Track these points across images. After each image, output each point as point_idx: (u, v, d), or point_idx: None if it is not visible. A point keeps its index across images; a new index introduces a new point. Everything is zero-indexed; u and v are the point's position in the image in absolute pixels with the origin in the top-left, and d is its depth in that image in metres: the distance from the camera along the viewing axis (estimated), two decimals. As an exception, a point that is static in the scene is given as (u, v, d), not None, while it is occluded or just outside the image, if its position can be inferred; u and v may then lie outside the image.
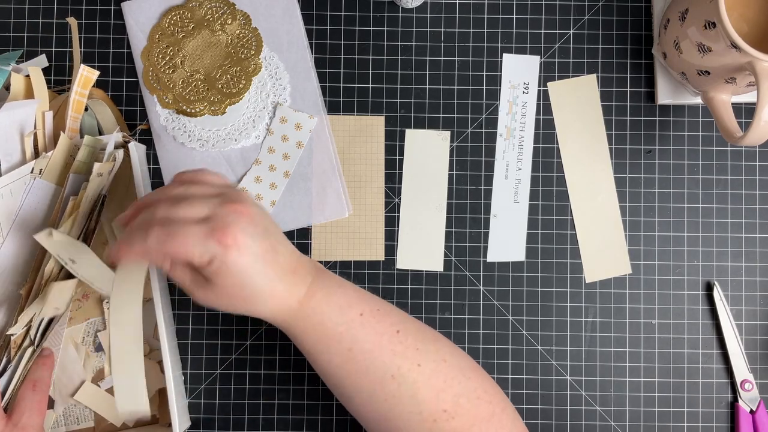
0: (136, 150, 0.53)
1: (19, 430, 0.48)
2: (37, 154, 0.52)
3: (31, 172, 0.50)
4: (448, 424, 0.44)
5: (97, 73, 0.54)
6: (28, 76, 0.53)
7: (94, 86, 0.55)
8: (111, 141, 0.52)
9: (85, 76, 0.53)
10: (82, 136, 0.53)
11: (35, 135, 0.52)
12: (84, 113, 0.55)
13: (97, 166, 0.49)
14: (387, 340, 0.44)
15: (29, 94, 0.53)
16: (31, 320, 0.49)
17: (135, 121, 0.58)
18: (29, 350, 0.50)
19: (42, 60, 0.57)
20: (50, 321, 0.51)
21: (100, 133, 0.56)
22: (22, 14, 0.58)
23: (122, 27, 0.58)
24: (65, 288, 0.50)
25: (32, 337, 0.50)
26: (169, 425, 0.52)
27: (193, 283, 0.42)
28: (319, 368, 0.46)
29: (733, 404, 0.57)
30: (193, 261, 0.40)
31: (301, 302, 0.44)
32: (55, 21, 0.58)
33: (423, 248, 0.58)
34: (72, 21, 0.56)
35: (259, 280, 0.42)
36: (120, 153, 0.52)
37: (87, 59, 0.58)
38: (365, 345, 0.44)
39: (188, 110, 0.57)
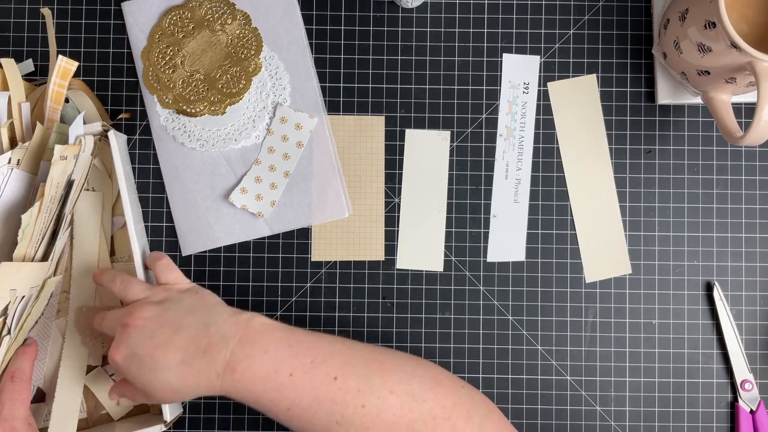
0: (116, 139, 0.53)
1: (1, 422, 0.48)
2: (14, 145, 0.52)
3: (9, 162, 0.50)
4: None
5: (76, 64, 0.54)
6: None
7: (74, 77, 0.55)
8: (78, 125, 0.51)
9: (64, 66, 0.53)
10: None
11: (11, 125, 0.52)
12: (66, 105, 0.55)
13: (58, 148, 0.48)
14: (324, 391, 0.44)
15: (6, 87, 0.53)
16: (6, 308, 0.48)
17: (136, 121, 0.58)
18: (6, 339, 0.49)
19: (27, 65, 0.57)
20: (24, 308, 0.51)
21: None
22: (22, 14, 0.58)
23: (122, 27, 0.58)
24: (28, 269, 0.49)
25: (9, 326, 0.49)
26: (160, 412, 0.52)
27: (132, 394, 0.49)
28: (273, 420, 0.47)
29: (733, 404, 0.57)
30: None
31: (221, 378, 0.45)
32: (55, 21, 0.58)
33: (423, 248, 0.58)
34: (46, 12, 0.56)
35: (158, 375, 0.45)
36: (90, 138, 0.51)
37: (87, 59, 0.58)
38: (302, 403, 0.44)
39: (188, 110, 0.57)
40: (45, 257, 0.50)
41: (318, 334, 0.48)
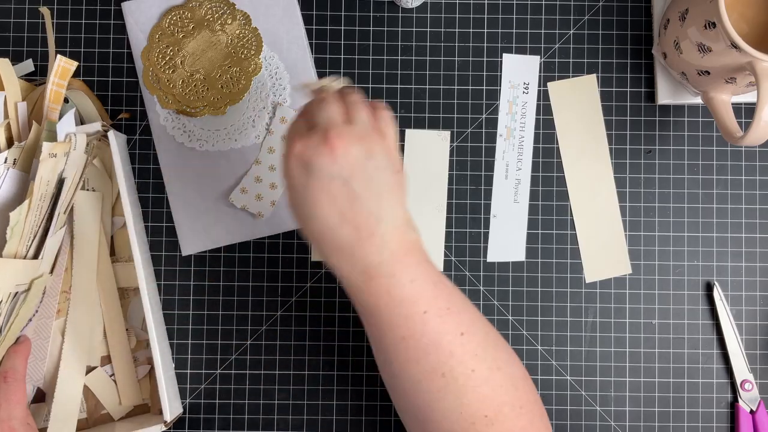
0: (116, 139, 0.53)
1: None
2: (11, 145, 0.52)
3: (5, 162, 0.50)
4: (486, 429, 0.43)
5: (75, 64, 0.54)
6: None
7: (74, 77, 0.55)
8: (67, 122, 0.51)
9: (63, 66, 0.53)
10: None
11: (8, 125, 0.52)
12: (66, 105, 0.55)
13: (47, 145, 0.48)
14: (447, 340, 0.43)
15: (1, 87, 0.53)
16: None
17: (136, 122, 0.58)
18: None
19: (27, 65, 0.57)
20: (12, 307, 0.50)
21: (81, 123, 0.56)
22: (22, 14, 0.58)
23: (122, 27, 0.58)
24: (13, 266, 0.48)
25: (1, 325, 0.49)
26: (161, 412, 0.52)
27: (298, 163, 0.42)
28: (370, 339, 0.45)
29: (733, 404, 0.57)
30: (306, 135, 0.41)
31: (354, 274, 0.42)
32: (55, 21, 0.58)
33: (423, 248, 0.57)
34: (45, 11, 0.56)
35: (306, 211, 0.41)
36: (81, 136, 0.51)
37: (87, 59, 0.58)
38: (422, 339, 0.43)
39: (188, 110, 0.57)
40: (36, 255, 0.50)
41: (454, 285, 0.46)
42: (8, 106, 0.53)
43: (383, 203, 0.42)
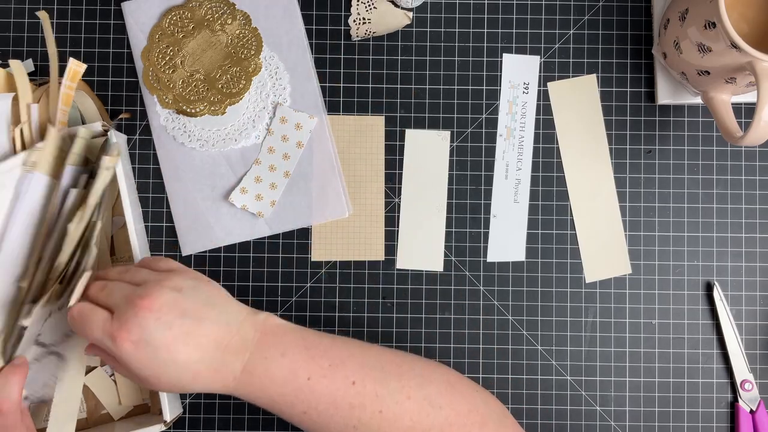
0: (117, 139, 0.53)
1: None
2: (23, 147, 0.52)
3: (23, 164, 0.50)
4: None
5: (85, 66, 0.54)
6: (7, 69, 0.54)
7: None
8: (117, 134, 0.52)
9: (74, 69, 0.53)
10: None
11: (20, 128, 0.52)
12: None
13: (105, 159, 0.49)
14: (342, 396, 0.44)
15: (11, 88, 0.54)
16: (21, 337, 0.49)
17: (136, 121, 0.58)
18: None
19: (28, 64, 0.57)
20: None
21: (83, 123, 0.56)
22: (22, 14, 0.58)
23: (122, 27, 0.58)
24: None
25: (8, 353, 0.49)
26: (160, 412, 0.52)
27: (114, 365, 0.45)
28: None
29: (733, 404, 0.57)
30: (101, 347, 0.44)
31: (237, 379, 0.44)
32: (55, 21, 0.58)
33: (423, 248, 0.57)
34: (43, 15, 0.56)
35: (170, 369, 0.42)
36: (123, 145, 0.52)
37: (87, 59, 0.58)
38: (319, 407, 0.44)
39: (188, 110, 0.57)
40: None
41: (332, 336, 0.47)
42: (20, 108, 0.53)
43: (221, 309, 0.44)
